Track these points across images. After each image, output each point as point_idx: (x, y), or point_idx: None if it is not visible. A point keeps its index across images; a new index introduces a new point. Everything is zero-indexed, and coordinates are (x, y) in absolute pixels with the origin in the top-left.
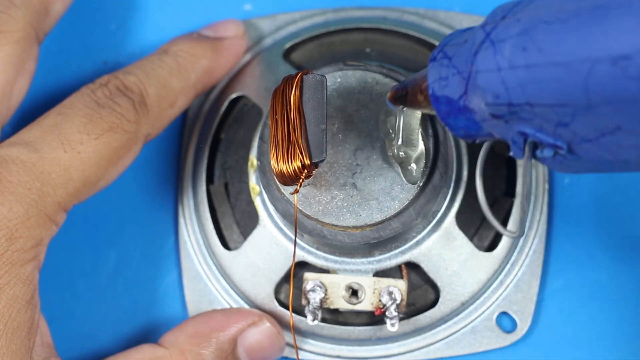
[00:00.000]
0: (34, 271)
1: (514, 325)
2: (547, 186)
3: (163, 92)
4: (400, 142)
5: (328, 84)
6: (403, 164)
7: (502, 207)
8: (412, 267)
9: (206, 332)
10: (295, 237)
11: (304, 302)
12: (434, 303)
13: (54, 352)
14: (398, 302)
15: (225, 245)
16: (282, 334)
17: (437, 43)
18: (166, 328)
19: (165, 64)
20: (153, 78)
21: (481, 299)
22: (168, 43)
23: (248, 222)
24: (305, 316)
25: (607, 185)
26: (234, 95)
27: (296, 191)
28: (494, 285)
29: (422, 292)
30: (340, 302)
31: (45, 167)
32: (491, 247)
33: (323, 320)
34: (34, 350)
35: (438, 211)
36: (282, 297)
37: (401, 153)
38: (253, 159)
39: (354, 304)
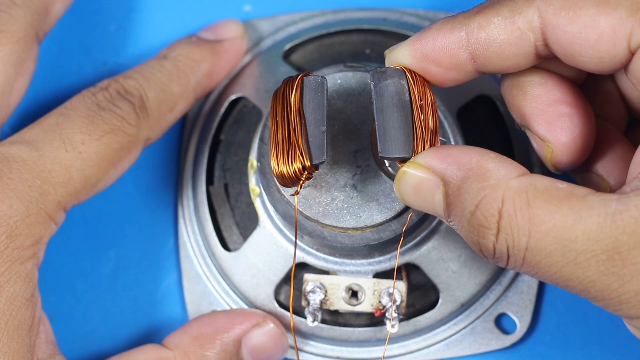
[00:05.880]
0: (34, 269)
1: (513, 327)
2: None
3: (163, 96)
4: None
5: (328, 85)
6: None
7: None
8: (412, 268)
9: (210, 334)
10: (296, 238)
11: (304, 303)
12: (433, 304)
13: (57, 349)
14: (398, 303)
15: (225, 247)
16: (285, 334)
17: None
18: (166, 329)
19: (165, 68)
20: (153, 82)
21: (481, 300)
22: (167, 47)
23: (248, 223)
24: (305, 317)
25: None
26: (233, 97)
27: (296, 193)
28: (493, 287)
29: (422, 294)
30: (340, 303)
31: (47, 166)
32: None
33: (323, 321)
34: (38, 347)
35: None
36: (282, 298)
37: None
38: (253, 160)
39: (354, 305)
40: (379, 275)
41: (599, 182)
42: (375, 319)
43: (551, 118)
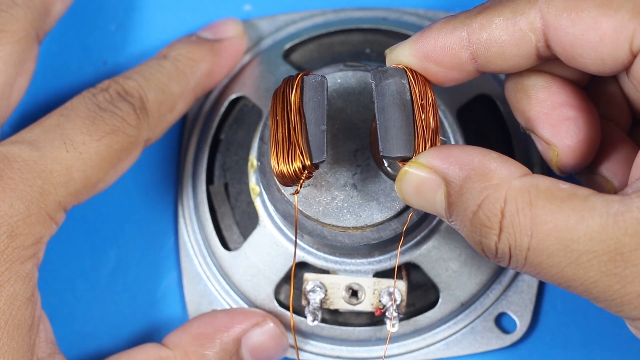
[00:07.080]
0: (34, 269)
1: (513, 326)
2: None
3: (162, 97)
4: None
5: (328, 84)
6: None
7: None
8: (412, 267)
9: (210, 333)
10: (296, 237)
11: (304, 302)
12: (433, 304)
13: (57, 349)
14: (398, 302)
15: (225, 246)
16: (285, 334)
17: None
18: (166, 328)
19: (165, 68)
20: (152, 83)
21: (481, 299)
22: (167, 47)
23: (248, 222)
24: (305, 317)
25: None
26: (233, 96)
27: (296, 192)
28: (493, 286)
29: (422, 293)
30: (340, 302)
31: (47, 166)
32: None
33: (323, 320)
34: (38, 347)
35: None
36: (282, 297)
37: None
38: (253, 159)
39: (354, 305)
40: (379, 274)
41: (604, 183)
42: (376, 319)
43: (556, 122)
